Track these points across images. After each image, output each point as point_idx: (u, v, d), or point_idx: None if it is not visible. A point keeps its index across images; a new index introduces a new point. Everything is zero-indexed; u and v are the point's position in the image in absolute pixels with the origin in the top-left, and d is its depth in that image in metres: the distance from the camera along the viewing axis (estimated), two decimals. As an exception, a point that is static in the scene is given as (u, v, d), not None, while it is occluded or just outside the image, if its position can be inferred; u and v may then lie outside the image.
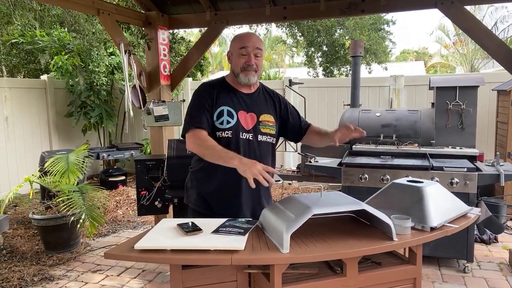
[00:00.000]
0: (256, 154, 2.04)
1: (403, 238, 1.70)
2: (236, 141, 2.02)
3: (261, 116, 2.10)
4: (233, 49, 2.09)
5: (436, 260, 3.75)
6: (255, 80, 2.09)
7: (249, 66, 2.02)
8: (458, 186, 3.45)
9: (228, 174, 1.94)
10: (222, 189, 2.07)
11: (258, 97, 2.16)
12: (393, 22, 9.64)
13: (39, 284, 3.42)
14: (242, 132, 2.03)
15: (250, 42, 2.03)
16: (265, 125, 2.10)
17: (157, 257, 1.57)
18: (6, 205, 5.55)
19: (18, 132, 6.53)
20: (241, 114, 2.06)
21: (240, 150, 2.00)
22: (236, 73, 2.07)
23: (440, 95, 4.52)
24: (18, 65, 8.64)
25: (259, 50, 2.05)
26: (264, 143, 2.09)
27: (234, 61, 2.07)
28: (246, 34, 2.11)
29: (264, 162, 1.99)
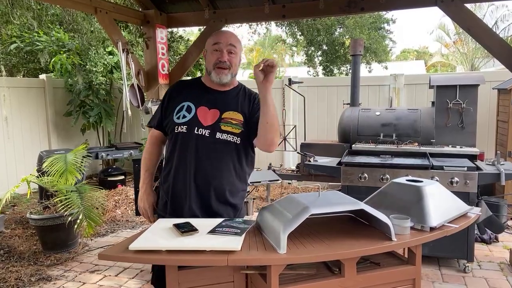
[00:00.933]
0: (211, 152, 1.93)
1: (402, 238, 1.68)
2: (190, 137, 1.93)
3: (225, 113, 1.96)
4: (207, 46, 2.01)
5: (436, 259, 3.73)
6: (228, 80, 1.97)
7: (222, 63, 1.91)
8: (458, 186, 3.42)
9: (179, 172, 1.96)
10: (174, 190, 1.99)
11: (230, 95, 2.03)
12: (393, 21, 9.61)
13: (36, 284, 3.40)
14: (198, 128, 1.93)
15: (223, 38, 1.94)
16: (227, 123, 1.94)
17: (152, 258, 1.54)
18: (4, 205, 5.54)
19: (17, 132, 6.51)
20: (201, 109, 1.97)
21: (192, 146, 1.92)
22: (209, 70, 1.97)
23: (440, 94, 4.50)
24: (18, 64, 8.62)
25: (233, 47, 1.94)
26: (223, 141, 1.93)
27: (208, 58, 1.98)
28: (221, 31, 2.06)
29: (223, 162, 1.95)
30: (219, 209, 1.99)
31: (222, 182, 1.96)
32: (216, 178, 1.95)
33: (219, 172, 1.95)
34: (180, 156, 1.96)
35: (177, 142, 1.97)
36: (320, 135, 6.61)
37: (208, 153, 1.93)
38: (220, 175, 1.95)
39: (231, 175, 1.99)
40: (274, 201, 1.86)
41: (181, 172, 1.96)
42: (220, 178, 1.95)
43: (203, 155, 1.93)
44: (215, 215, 1.95)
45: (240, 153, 2.00)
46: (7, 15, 5.02)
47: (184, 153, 1.94)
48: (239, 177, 2.03)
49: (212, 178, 1.94)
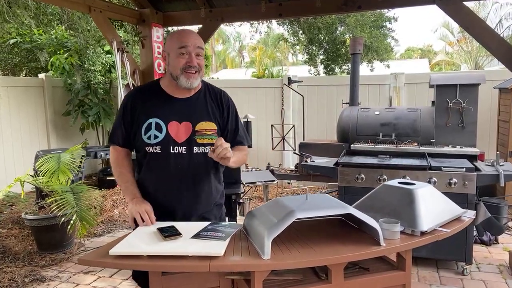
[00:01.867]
0: (190, 168, 1.88)
1: (392, 243, 1.63)
2: (167, 156, 1.86)
3: (198, 124, 1.89)
4: (170, 48, 1.86)
5: (434, 262, 3.67)
6: (198, 83, 1.89)
7: (191, 68, 1.82)
8: (456, 187, 3.37)
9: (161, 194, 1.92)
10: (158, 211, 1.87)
11: (197, 101, 1.94)
12: (395, 19, 9.51)
13: (30, 285, 3.38)
14: (173, 146, 1.86)
15: (190, 41, 1.82)
16: (202, 135, 1.88)
17: (133, 264, 1.51)
18: (2, 205, 5.55)
19: (16, 131, 6.50)
20: (172, 125, 1.87)
21: (172, 166, 1.87)
22: (175, 75, 1.85)
23: (440, 93, 4.44)
24: (20, 63, 8.63)
25: (200, 49, 1.86)
26: (201, 155, 1.88)
27: (173, 62, 1.84)
28: (186, 31, 1.89)
29: (203, 176, 1.92)
30: (206, 214, 2.00)
31: (207, 192, 1.97)
32: (201, 190, 1.94)
33: (202, 184, 1.94)
34: (160, 176, 1.90)
35: (153, 163, 1.90)
36: (320, 134, 6.56)
37: (189, 169, 1.89)
38: (203, 187, 1.94)
39: (213, 181, 1.99)
40: (260, 205, 1.82)
41: (164, 191, 1.92)
42: (204, 190, 1.95)
43: (185, 173, 1.89)
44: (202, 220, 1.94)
45: (217, 163, 1.91)
46: (4, 14, 5.00)
47: (163, 173, 1.89)
48: (218, 180, 2.06)
49: (197, 192, 1.93)
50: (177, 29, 7.34)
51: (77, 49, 6.34)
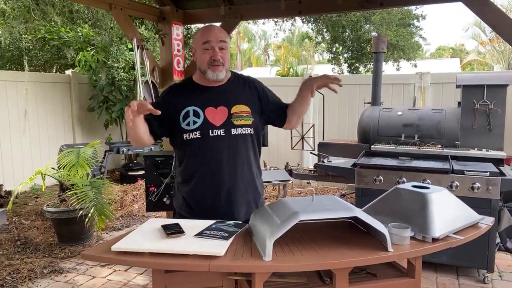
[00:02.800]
0: (230, 149, 1.95)
1: (401, 249, 1.57)
2: (207, 140, 1.93)
3: (233, 107, 1.99)
4: (196, 45, 1.98)
5: (454, 268, 3.54)
6: (224, 75, 1.98)
7: (215, 61, 1.92)
8: (479, 191, 3.24)
9: (204, 175, 1.97)
10: (202, 192, 2.00)
11: (229, 88, 2.05)
12: (423, 17, 9.24)
13: (48, 276, 3.46)
14: (212, 130, 1.94)
15: (213, 36, 1.92)
16: (238, 117, 1.98)
17: (134, 260, 1.51)
18: (27, 197, 5.73)
19: (43, 126, 6.70)
20: (209, 111, 1.97)
21: (213, 149, 1.94)
22: (203, 70, 1.97)
23: (466, 93, 4.28)
24: (50, 60, 8.89)
25: (224, 43, 1.94)
26: (240, 136, 1.98)
27: (199, 58, 1.96)
28: (208, 27, 2.00)
29: (242, 155, 2.00)
30: (249, 198, 2.05)
31: (250, 174, 2.04)
32: (244, 173, 2.01)
33: (244, 167, 2.00)
34: (202, 159, 1.97)
35: (193, 148, 1.97)
36: (341, 134, 6.45)
37: (229, 150, 1.96)
38: (246, 169, 2.01)
39: (254, 165, 2.06)
40: (265, 205, 1.79)
41: (207, 175, 1.97)
42: (247, 172, 2.02)
43: (225, 153, 1.95)
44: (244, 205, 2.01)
45: (254, 142, 2.05)
46: (31, 12, 5.14)
47: (206, 157, 1.96)
48: (257, 166, 2.11)
49: (238, 173, 1.99)
50: (200, 26, 7.40)
51: (103, 46, 6.47)
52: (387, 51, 9.36)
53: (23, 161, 6.35)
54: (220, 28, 2.00)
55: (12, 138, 6.22)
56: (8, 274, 3.43)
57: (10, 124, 6.16)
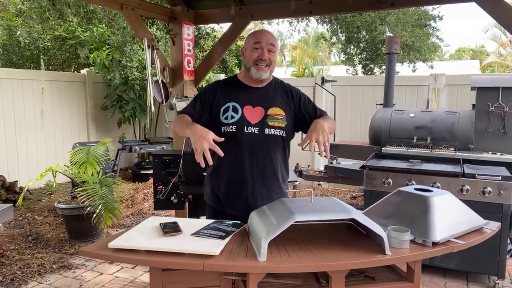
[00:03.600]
0: (262, 148, 2.05)
1: (399, 253, 1.54)
2: (241, 136, 2.03)
3: (270, 109, 2.09)
4: (247, 44, 2.12)
5: (464, 274, 3.47)
6: (267, 76, 2.09)
7: (262, 61, 2.03)
8: (491, 196, 3.16)
9: (233, 169, 2.06)
10: (228, 185, 2.10)
11: (268, 90, 2.16)
12: (440, 17, 9.08)
13: (57, 271, 3.52)
14: (247, 126, 2.04)
15: (264, 38, 2.06)
16: (273, 118, 2.08)
17: (130, 258, 1.52)
18: (41, 193, 5.84)
19: (58, 124, 6.83)
20: (247, 108, 2.07)
21: (245, 144, 2.03)
22: (248, 67, 2.08)
23: (481, 96, 4.19)
24: (68, 59, 9.06)
25: (273, 46, 2.07)
26: (272, 136, 2.07)
27: (248, 56, 2.09)
28: (261, 31, 2.16)
29: (272, 155, 2.08)
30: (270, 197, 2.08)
31: (275, 173, 2.12)
32: (270, 171, 2.09)
33: (271, 165, 2.09)
34: (233, 155, 2.04)
35: (227, 141, 1.99)
36: (353, 136, 6.39)
37: (260, 148, 2.05)
38: (272, 167, 2.10)
39: (280, 165, 2.15)
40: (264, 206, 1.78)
41: (236, 169, 2.07)
42: (273, 170, 2.10)
43: (256, 151, 2.05)
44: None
45: (285, 144, 2.15)
46: (47, 12, 5.24)
47: (237, 151, 2.04)
48: (285, 167, 2.21)
49: (267, 171, 2.08)
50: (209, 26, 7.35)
51: (118, 46, 6.55)
52: (402, 52, 9.22)
53: (38, 158, 6.48)
54: (272, 34, 2.12)
55: (28, 135, 6.36)
56: (18, 269, 3.51)
57: (26, 121, 6.30)
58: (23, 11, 6.06)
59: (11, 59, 8.94)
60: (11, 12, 7.34)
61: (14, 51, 8.78)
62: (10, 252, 3.80)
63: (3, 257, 3.70)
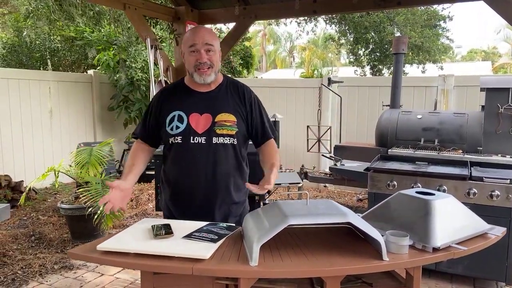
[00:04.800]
0: (209, 158, 1.92)
1: (397, 258, 1.48)
2: (187, 146, 1.92)
3: (218, 116, 1.94)
4: (184, 48, 1.95)
5: (471, 280, 3.38)
6: (212, 78, 1.94)
7: (202, 64, 1.88)
8: (499, 200, 3.08)
9: (180, 181, 1.97)
10: (176, 197, 2.02)
11: (218, 94, 2.00)
12: (450, 18, 8.95)
13: (58, 272, 3.51)
14: (194, 137, 1.92)
15: (198, 38, 1.88)
16: (221, 126, 1.94)
17: (118, 261, 1.48)
18: (47, 193, 5.87)
19: (64, 124, 6.86)
20: (193, 117, 1.94)
21: (191, 155, 1.92)
22: (190, 73, 1.94)
23: (490, 97, 4.09)
24: (77, 60, 9.13)
25: (210, 46, 1.89)
26: (221, 145, 1.94)
27: (187, 61, 1.94)
28: (195, 30, 1.97)
29: (223, 165, 1.95)
30: (225, 209, 2.00)
31: (227, 183, 1.98)
32: (218, 180, 1.96)
33: (222, 176, 1.96)
34: (181, 166, 1.97)
35: (175, 153, 1.98)
36: (360, 137, 6.30)
37: (208, 159, 1.93)
38: (223, 178, 1.96)
39: (233, 175, 2.00)
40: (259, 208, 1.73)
41: (184, 180, 1.97)
42: (224, 181, 1.97)
43: (203, 162, 1.93)
44: (220, 215, 1.98)
45: (237, 152, 2.00)
46: (52, 13, 5.26)
47: (184, 162, 1.95)
48: (240, 176, 2.04)
49: (215, 182, 1.95)
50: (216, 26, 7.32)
51: (124, 46, 6.57)
52: (411, 53, 9.11)
53: (45, 158, 6.51)
54: (208, 30, 1.96)
55: (35, 135, 6.39)
56: (20, 269, 3.50)
57: (32, 121, 6.33)
58: (30, 11, 6.10)
59: (20, 60, 9.04)
60: (21, 14, 7.42)
61: (23, 52, 8.87)
62: (12, 252, 3.80)
63: (5, 256, 3.70)
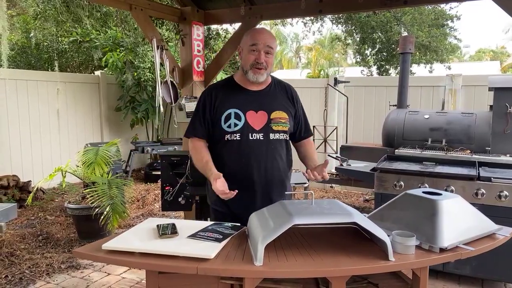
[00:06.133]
0: (268, 153, 2.03)
1: (403, 259, 1.47)
2: (246, 143, 2.01)
3: (273, 113, 2.05)
4: (244, 44, 2.05)
5: (479, 281, 3.34)
6: (264, 78, 2.04)
7: (259, 64, 1.97)
8: (507, 200, 3.04)
9: (241, 176, 2.02)
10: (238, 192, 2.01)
11: (269, 93, 2.12)
12: (458, 17, 8.87)
13: (65, 271, 3.53)
14: (252, 133, 2.01)
15: (261, 39, 1.98)
16: (277, 123, 2.05)
17: (123, 260, 1.49)
18: (55, 193, 5.91)
19: (72, 124, 6.90)
20: (250, 114, 2.03)
21: (251, 151, 2.01)
22: (245, 70, 2.03)
23: (498, 96, 4.05)
24: (85, 61, 9.18)
25: (270, 48, 1.99)
26: (277, 141, 2.06)
27: (244, 58, 2.03)
28: (258, 30, 2.08)
29: (277, 159, 2.07)
30: (278, 197, 2.06)
31: (280, 175, 2.10)
32: (276, 175, 2.08)
33: (277, 169, 2.08)
34: (238, 161, 2.03)
35: (231, 149, 2.03)
36: (366, 138, 6.27)
37: (266, 153, 2.03)
38: (278, 171, 2.08)
39: (284, 166, 2.13)
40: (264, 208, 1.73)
41: (243, 176, 2.03)
42: (278, 173, 2.09)
43: (263, 156, 2.03)
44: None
45: (288, 145, 2.16)
46: (60, 15, 5.30)
47: (242, 158, 2.02)
48: (289, 167, 2.19)
49: (273, 176, 2.07)
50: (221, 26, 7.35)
51: (131, 47, 6.60)
52: (419, 53, 9.04)
53: (52, 158, 6.56)
54: (270, 33, 2.05)
55: (43, 135, 6.44)
56: (27, 268, 3.53)
57: (40, 122, 6.38)
58: (38, 13, 6.15)
59: (29, 61, 9.12)
60: (29, 16, 7.49)
61: (32, 54, 8.94)
62: (20, 252, 3.83)
63: (13, 256, 3.73)
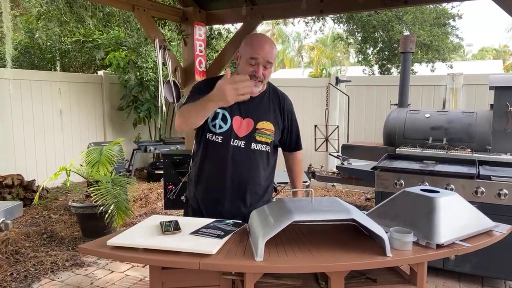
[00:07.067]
0: (246, 163, 1.99)
1: (401, 254, 1.50)
2: (226, 148, 1.97)
3: (259, 123, 2.02)
4: (243, 53, 1.94)
5: (479, 279, 3.37)
6: (259, 90, 1.99)
7: (255, 77, 1.91)
8: (507, 198, 3.07)
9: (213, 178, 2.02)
10: (207, 194, 2.06)
11: (261, 101, 2.06)
12: (459, 16, 8.88)
13: (69, 269, 3.58)
14: (234, 139, 1.98)
15: (261, 54, 1.88)
16: (261, 133, 2.02)
17: (128, 256, 1.52)
18: (58, 192, 5.96)
19: (75, 124, 6.96)
20: (236, 120, 1.99)
21: (229, 157, 1.97)
22: None
23: (499, 95, 4.07)
24: (88, 61, 9.23)
25: (269, 64, 1.93)
26: (257, 151, 2.02)
27: (242, 67, 1.95)
28: (259, 42, 1.92)
29: (256, 169, 2.03)
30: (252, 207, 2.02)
31: (255, 185, 2.07)
32: (251, 183, 2.04)
33: (252, 178, 2.04)
34: (215, 164, 2.02)
35: (211, 150, 2.01)
36: (368, 137, 6.30)
37: (243, 162, 2.00)
38: (253, 180, 2.05)
39: (262, 178, 2.09)
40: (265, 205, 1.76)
41: (216, 177, 2.02)
42: (254, 183, 2.05)
43: (238, 164, 1.99)
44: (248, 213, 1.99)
45: (269, 158, 2.10)
46: (63, 15, 5.35)
47: (220, 162, 2.00)
48: (268, 178, 2.14)
49: (248, 184, 2.03)
50: (223, 26, 7.37)
51: (134, 47, 6.64)
52: (420, 52, 9.05)
53: (56, 157, 6.61)
54: (271, 45, 1.93)
55: (46, 135, 6.50)
56: (32, 266, 3.58)
57: (44, 121, 6.44)
58: (42, 13, 6.20)
59: (32, 61, 9.18)
60: (33, 16, 7.54)
61: (35, 54, 9.00)
62: (25, 249, 3.88)
63: (18, 254, 3.78)
